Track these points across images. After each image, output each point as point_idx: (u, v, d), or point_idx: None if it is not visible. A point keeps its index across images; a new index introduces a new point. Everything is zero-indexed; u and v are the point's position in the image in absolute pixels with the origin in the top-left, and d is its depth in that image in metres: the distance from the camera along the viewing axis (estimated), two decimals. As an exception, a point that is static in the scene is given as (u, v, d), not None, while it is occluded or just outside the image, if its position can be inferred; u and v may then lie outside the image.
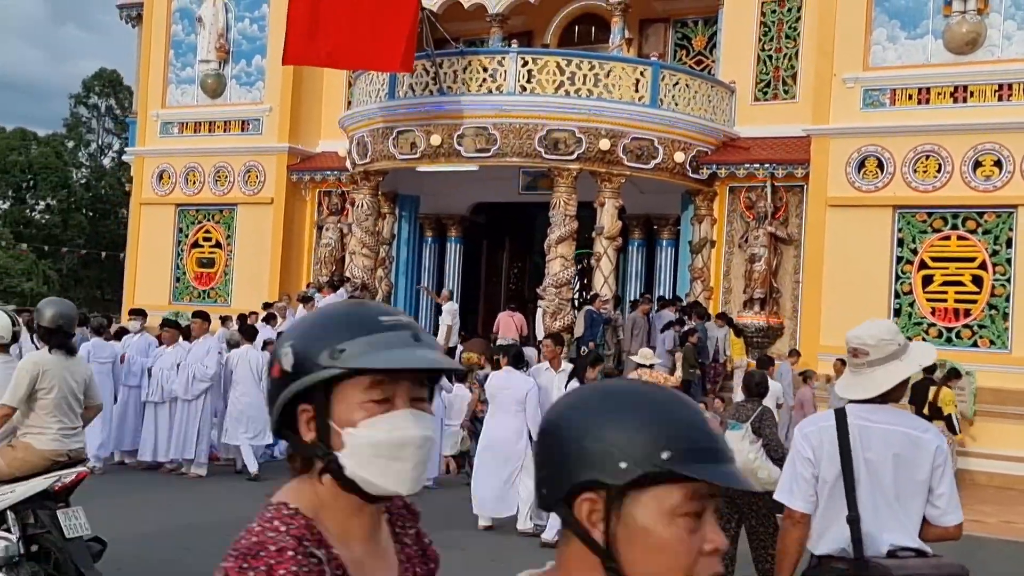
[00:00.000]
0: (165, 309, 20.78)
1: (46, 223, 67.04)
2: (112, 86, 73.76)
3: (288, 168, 20.35)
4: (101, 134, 74.35)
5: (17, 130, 69.66)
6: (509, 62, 15.81)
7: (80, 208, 67.86)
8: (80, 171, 71.17)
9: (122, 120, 74.07)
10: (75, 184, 68.50)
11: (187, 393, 10.35)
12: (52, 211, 68.01)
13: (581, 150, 15.62)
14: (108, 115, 74.54)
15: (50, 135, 69.90)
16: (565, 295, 15.73)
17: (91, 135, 73.48)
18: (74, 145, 71.32)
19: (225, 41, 20.88)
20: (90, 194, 69.06)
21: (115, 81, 73.76)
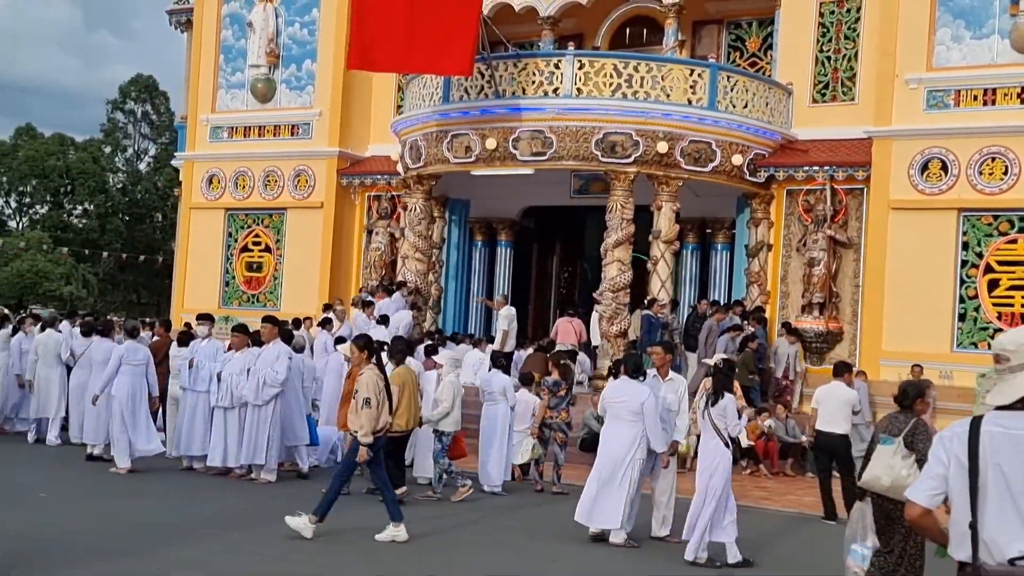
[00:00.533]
0: (215, 313, 20.83)
1: (84, 228, 67.78)
2: (148, 91, 74.54)
3: (338, 172, 20.36)
4: (137, 139, 75.16)
5: (55, 135, 70.49)
6: (565, 65, 15.69)
7: (117, 212, 68.56)
8: (117, 176, 71.93)
9: (158, 125, 75.00)
10: (112, 189, 69.23)
11: (257, 398, 10.29)
12: (89, 216, 68.76)
13: (638, 153, 15.47)
14: (144, 120, 75.40)
15: (87, 140, 70.68)
16: (622, 299, 15.57)
17: (127, 140, 74.31)
18: (111, 150, 72.11)
19: (275, 46, 20.93)
20: (127, 199, 69.75)
21: (151, 86, 74.50)
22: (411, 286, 17.26)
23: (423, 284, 17.63)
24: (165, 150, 73.17)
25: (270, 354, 10.39)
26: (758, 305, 16.17)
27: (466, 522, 9.44)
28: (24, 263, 55.11)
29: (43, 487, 9.92)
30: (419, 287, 17.44)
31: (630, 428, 8.23)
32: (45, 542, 7.58)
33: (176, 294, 22.33)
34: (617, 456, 8.24)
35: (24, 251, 53.20)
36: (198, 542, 7.88)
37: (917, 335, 15.07)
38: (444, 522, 9.35)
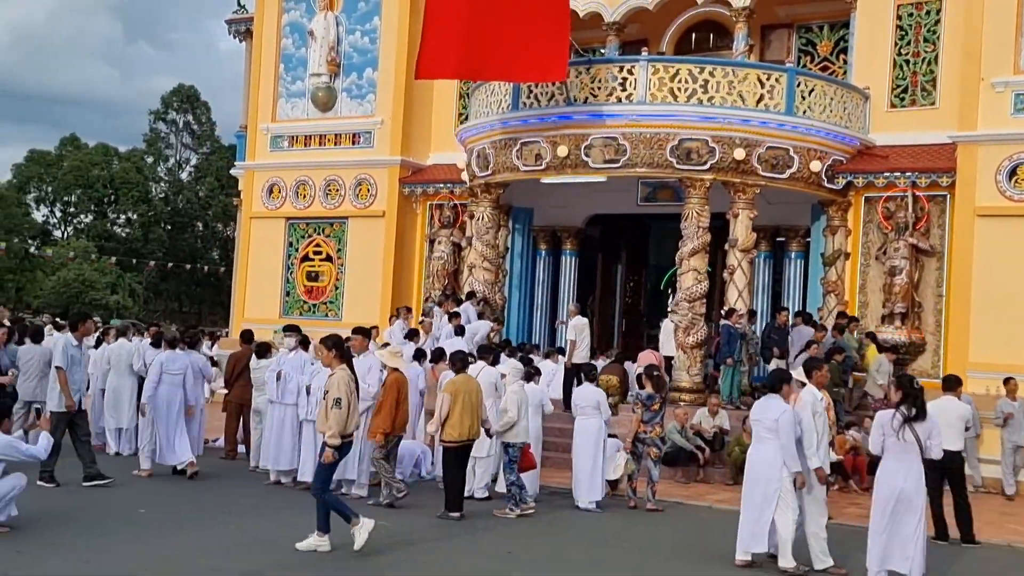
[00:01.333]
0: (275, 323, 20.76)
1: (127, 237, 68.44)
2: (190, 102, 75.28)
3: (400, 181, 20.21)
4: (179, 149, 75.88)
5: (99, 145, 71.29)
6: (639, 70, 15.42)
7: (160, 222, 69.21)
8: (159, 185, 72.64)
9: (199, 135, 75.67)
10: (155, 198, 69.89)
11: (350, 412, 10.09)
12: (132, 225, 69.43)
13: (714, 160, 15.16)
14: (186, 130, 76.12)
15: (130, 150, 71.41)
16: (698, 309, 15.23)
17: (169, 150, 75.04)
18: (153, 160, 72.84)
19: (336, 54, 20.84)
20: (169, 208, 70.40)
21: (192, 97, 75.25)
22: (480, 296, 17.03)
23: (491, 294, 17.38)
24: (206, 160, 73.96)
25: (361, 366, 10.16)
26: (841, 311, 15.78)
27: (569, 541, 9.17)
28: (70, 272, 55.66)
29: (140, 503, 9.75)
30: (487, 297, 17.21)
31: (768, 447, 7.90)
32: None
33: (236, 304, 22.27)
34: (761, 477, 7.92)
35: (72, 260, 53.63)
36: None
37: (1005, 346, 14.59)
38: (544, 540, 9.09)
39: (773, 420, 7.82)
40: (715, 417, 13.67)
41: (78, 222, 70.68)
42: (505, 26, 14.64)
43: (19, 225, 60.29)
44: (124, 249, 64.05)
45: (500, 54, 14.81)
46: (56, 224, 70.69)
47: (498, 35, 14.56)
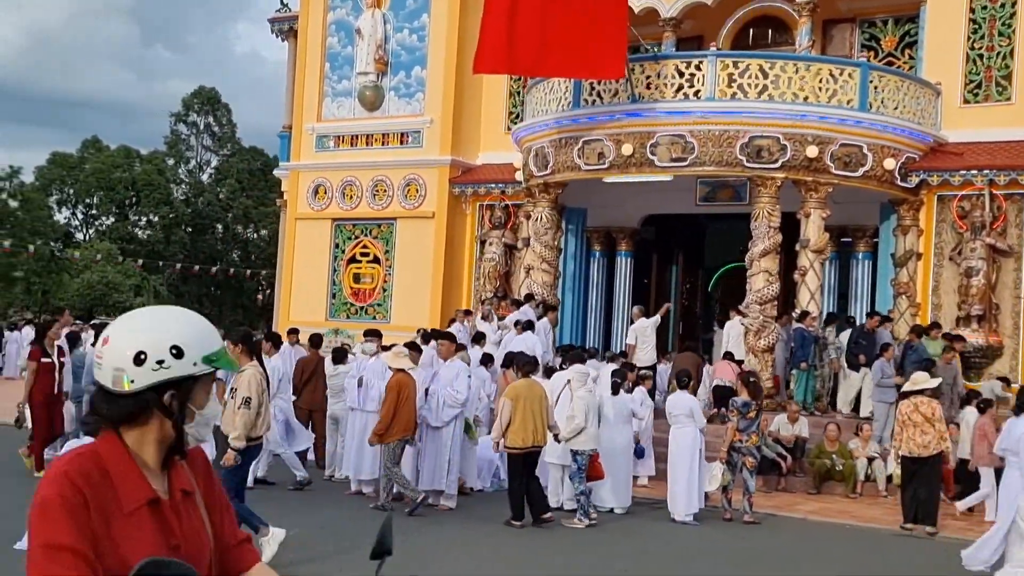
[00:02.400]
0: (321, 326, 20.41)
1: (149, 239, 68.36)
2: (211, 104, 75.25)
3: (450, 181, 19.83)
4: (200, 151, 75.84)
5: (121, 148, 71.27)
6: (707, 66, 14.99)
7: (181, 224, 69.12)
8: (180, 188, 72.60)
9: (220, 137, 75.60)
10: (176, 200, 69.83)
11: (437, 419, 9.70)
12: (154, 227, 69.36)
13: (786, 158, 14.72)
14: (207, 132, 76.06)
15: (152, 152, 71.39)
16: (769, 312, 14.79)
17: (190, 152, 75.00)
18: (174, 162, 72.81)
19: (384, 52, 20.48)
20: (190, 210, 70.31)
21: (213, 99, 75.21)
22: (539, 299, 16.63)
23: (550, 295, 16.98)
24: (227, 162, 73.86)
25: (448, 372, 9.79)
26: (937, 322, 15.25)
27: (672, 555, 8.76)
28: (94, 275, 55.50)
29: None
30: (546, 299, 16.80)
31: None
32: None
33: (281, 306, 21.93)
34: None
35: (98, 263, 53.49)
36: None
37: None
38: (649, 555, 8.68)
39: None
40: (794, 425, 13.22)
41: (99, 224, 70.69)
42: (563, 21, 14.30)
43: (46, 228, 60.22)
44: (146, 251, 63.93)
45: (558, 50, 14.44)
46: (78, 226, 70.69)
47: (556, 31, 14.23)
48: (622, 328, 19.08)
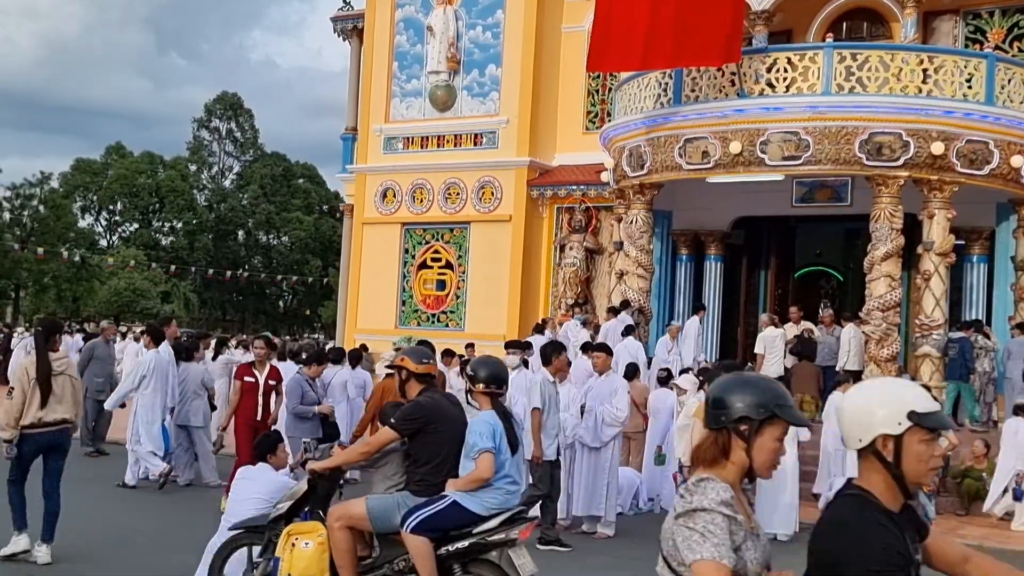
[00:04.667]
0: (391, 334, 19.66)
1: (173, 245, 67.87)
2: (233, 109, 74.83)
3: (527, 183, 19.04)
4: (222, 157, 75.41)
5: (144, 154, 70.83)
6: (823, 58, 14.16)
7: (204, 230, 68.63)
8: (203, 193, 72.16)
9: (242, 142, 75.14)
10: (199, 206, 69.36)
11: (595, 440, 8.88)
12: (177, 233, 68.87)
13: (908, 155, 13.86)
14: (228, 138, 75.62)
15: (175, 158, 70.94)
16: (892, 319, 13.94)
17: (212, 158, 74.59)
18: (196, 168, 72.38)
19: (456, 50, 19.73)
20: (213, 216, 69.83)
21: (235, 104, 74.82)
22: (635, 305, 15.82)
23: (646, 303, 16.16)
24: (249, 167, 73.37)
25: (604, 387, 8.97)
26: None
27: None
28: (121, 281, 54.92)
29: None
30: (643, 306, 15.99)
31: None
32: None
33: (348, 313, 21.15)
34: None
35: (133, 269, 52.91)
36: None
37: None
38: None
39: None
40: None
41: (122, 230, 70.20)
42: (675, 11, 13.61)
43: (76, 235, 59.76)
44: (170, 257, 63.38)
45: (672, 40, 13.74)
46: (101, 233, 70.24)
47: (668, 21, 13.53)
48: (711, 335, 18.25)
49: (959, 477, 11.89)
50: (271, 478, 6.25)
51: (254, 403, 9.09)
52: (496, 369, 5.38)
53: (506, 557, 5.00)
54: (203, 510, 9.60)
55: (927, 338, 14.02)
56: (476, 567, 5.10)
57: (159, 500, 10.11)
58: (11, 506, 7.31)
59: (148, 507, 9.75)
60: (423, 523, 5.02)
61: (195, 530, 8.49)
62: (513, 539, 5.04)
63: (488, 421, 5.15)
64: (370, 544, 5.29)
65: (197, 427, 10.70)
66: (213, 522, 8.16)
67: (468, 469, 5.09)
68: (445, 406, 5.35)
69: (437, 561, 5.01)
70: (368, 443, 5.49)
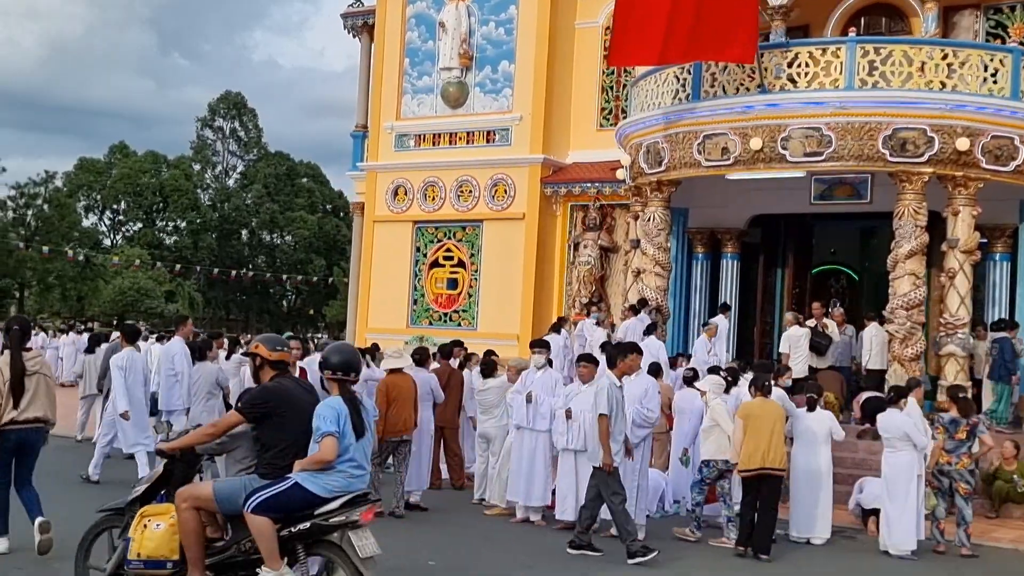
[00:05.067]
0: (402, 333, 19.49)
1: (176, 244, 67.66)
2: (237, 108, 74.61)
3: (541, 181, 18.82)
4: (226, 156, 75.20)
5: (148, 153, 70.62)
6: (846, 52, 13.93)
7: (208, 229, 68.43)
8: (207, 193, 71.97)
9: (246, 142, 74.93)
10: (203, 205, 69.16)
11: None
12: (181, 232, 68.66)
13: (933, 151, 13.63)
14: (232, 137, 75.41)
15: (178, 158, 70.74)
16: (917, 318, 13.70)
17: (216, 157, 74.38)
18: (200, 168, 72.17)
19: (468, 47, 19.50)
20: (217, 215, 69.63)
21: (239, 104, 74.59)
22: (653, 304, 15.59)
23: (663, 301, 15.94)
24: (253, 167, 73.15)
25: (636, 388, 8.74)
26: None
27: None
28: (125, 280, 54.69)
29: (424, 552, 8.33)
30: (660, 305, 15.77)
31: None
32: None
33: (359, 312, 20.93)
34: None
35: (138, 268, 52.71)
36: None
37: None
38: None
39: None
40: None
41: (126, 230, 69.98)
42: (695, 7, 13.41)
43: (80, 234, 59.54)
44: (174, 257, 63.16)
45: (690, 35, 13.57)
46: (105, 232, 70.00)
47: (689, 17, 13.34)
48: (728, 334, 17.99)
49: (989, 479, 11.66)
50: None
51: None
52: (348, 356, 5.48)
53: (347, 539, 5.16)
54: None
55: (952, 337, 13.79)
56: (319, 548, 5.28)
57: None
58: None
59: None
60: (264, 504, 5.13)
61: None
62: (355, 520, 5.19)
63: (333, 406, 5.25)
64: (223, 527, 5.39)
65: (213, 428, 10.47)
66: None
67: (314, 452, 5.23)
68: (294, 392, 5.46)
69: (280, 542, 5.15)
70: (215, 424, 5.64)
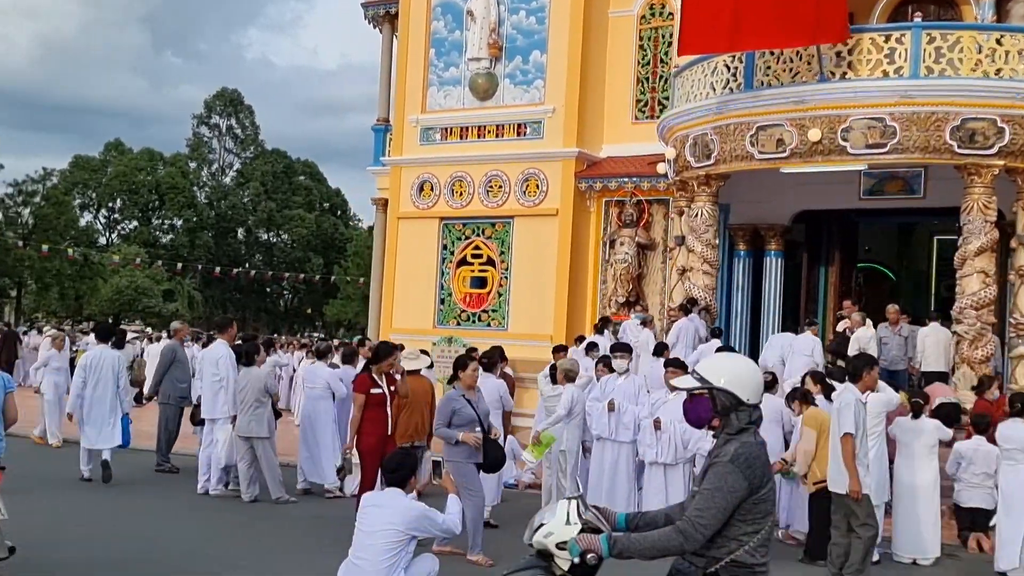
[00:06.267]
0: (428, 334, 18.77)
1: (173, 243, 66.76)
2: (233, 105, 73.76)
3: (575, 175, 18.10)
4: (222, 153, 74.34)
5: (144, 150, 69.69)
6: (911, 39, 13.25)
7: (205, 227, 67.59)
8: (203, 190, 71.13)
9: (243, 139, 74.05)
10: (200, 203, 68.34)
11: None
12: (177, 231, 67.78)
13: (1003, 142, 12.97)
14: (229, 134, 74.53)
15: (175, 155, 69.88)
16: (987, 318, 13.06)
17: (212, 155, 73.54)
18: (196, 165, 71.33)
19: (498, 37, 18.76)
20: (213, 213, 68.80)
21: (236, 101, 73.76)
22: (703, 304, 14.91)
23: (711, 301, 15.25)
24: (250, 164, 72.28)
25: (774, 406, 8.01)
26: None
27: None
28: (123, 279, 53.76)
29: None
30: (709, 304, 15.08)
31: None
32: None
33: (384, 312, 20.16)
34: None
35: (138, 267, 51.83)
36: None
37: None
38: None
39: None
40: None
41: (121, 228, 69.03)
42: None
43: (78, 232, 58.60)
44: (170, 255, 62.28)
45: (769, 18, 12.83)
46: (100, 231, 69.05)
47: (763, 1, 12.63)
48: (771, 335, 17.33)
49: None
50: (406, 505, 5.32)
51: (383, 417, 8.13)
52: None
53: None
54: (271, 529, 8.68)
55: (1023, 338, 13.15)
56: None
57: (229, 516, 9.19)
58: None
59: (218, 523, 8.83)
60: None
61: (253, 546, 7.61)
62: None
63: None
64: None
65: (261, 438, 9.75)
66: (283, 542, 7.25)
67: None
68: None
69: None
70: None
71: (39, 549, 7.06)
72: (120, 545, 7.79)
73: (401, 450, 5.76)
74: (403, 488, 5.36)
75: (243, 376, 9.90)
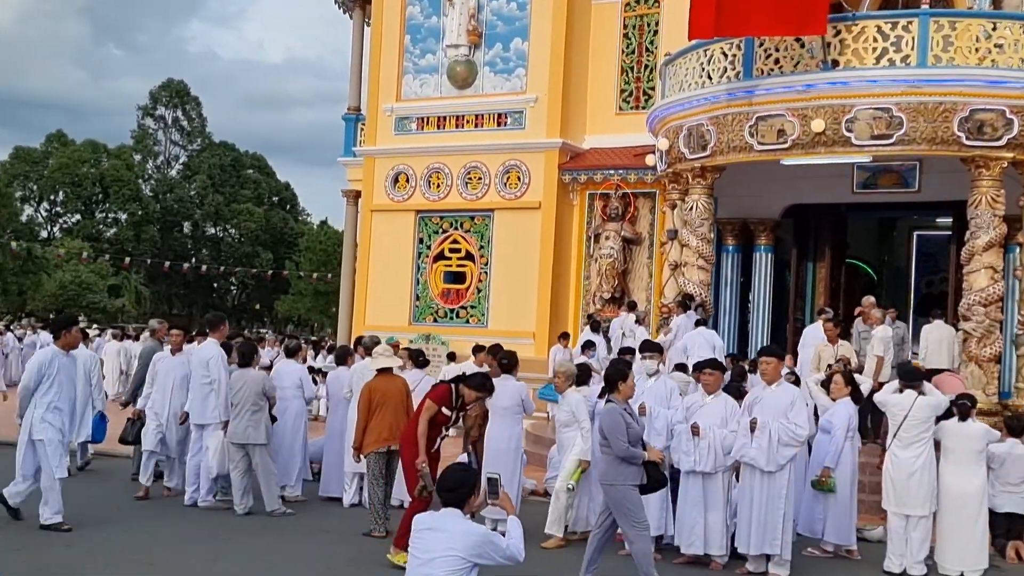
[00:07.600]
0: (404, 331, 18.01)
1: (117, 237, 64.90)
2: (179, 97, 71.98)
3: (559, 167, 17.48)
4: (168, 146, 72.53)
5: (87, 142, 67.65)
6: (918, 26, 12.83)
7: (150, 221, 65.87)
8: (148, 183, 69.37)
9: (189, 131, 72.28)
10: (145, 196, 66.61)
11: (769, 463, 7.32)
12: (121, 224, 65.91)
13: (1012, 134, 12.61)
14: (175, 126, 72.71)
15: (119, 147, 67.98)
16: (995, 315, 12.69)
17: (158, 147, 71.74)
18: (141, 158, 69.52)
19: (477, 23, 18.06)
20: (159, 206, 67.09)
21: (182, 92, 71.99)
22: (699, 300, 14.38)
23: (707, 297, 14.73)
24: (196, 157, 70.55)
25: (779, 399, 7.44)
26: None
27: None
28: (66, 274, 52.01)
29: None
30: (704, 301, 14.56)
31: None
32: None
33: (356, 308, 19.37)
34: None
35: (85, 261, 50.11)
36: None
37: None
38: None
39: None
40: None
41: (63, 221, 66.93)
42: None
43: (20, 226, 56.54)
44: (115, 249, 60.49)
45: (761, 7, 12.39)
46: (42, 224, 66.85)
47: None
48: (759, 332, 16.92)
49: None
50: (467, 529, 4.62)
51: (437, 434, 7.40)
52: None
53: None
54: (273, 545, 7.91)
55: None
56: None
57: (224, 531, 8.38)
58: None
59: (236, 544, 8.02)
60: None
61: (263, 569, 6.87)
62: None
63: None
64: None
65: (258, 445, 8.96)
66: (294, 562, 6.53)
67: None
68: None
69: None
70: None
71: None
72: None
73: (459, 466, 5.04)
74: (461, 509, 4.67)
75: (238, 378, 9.09)
